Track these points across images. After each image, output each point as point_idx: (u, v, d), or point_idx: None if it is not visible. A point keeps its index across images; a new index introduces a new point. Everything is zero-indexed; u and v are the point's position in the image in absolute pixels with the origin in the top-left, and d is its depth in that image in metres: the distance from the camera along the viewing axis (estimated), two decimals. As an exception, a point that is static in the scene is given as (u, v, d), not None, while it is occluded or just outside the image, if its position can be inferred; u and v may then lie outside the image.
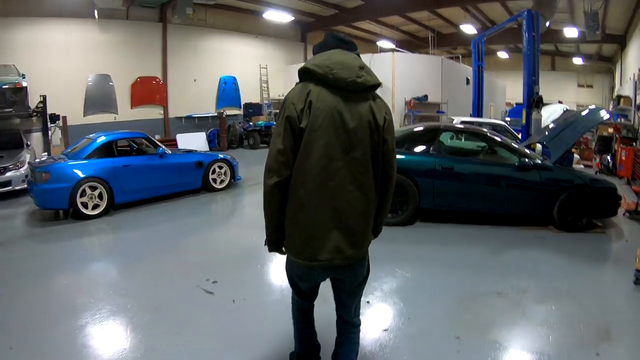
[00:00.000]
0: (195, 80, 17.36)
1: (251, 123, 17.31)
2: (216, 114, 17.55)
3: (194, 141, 16.00)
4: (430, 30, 21.98)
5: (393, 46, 21.65)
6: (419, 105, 15.66)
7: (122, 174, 7.35)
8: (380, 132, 2.14)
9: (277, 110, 2.22)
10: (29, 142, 10.38)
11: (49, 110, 11.12)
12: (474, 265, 4.84)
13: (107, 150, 7.46)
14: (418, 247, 5.48)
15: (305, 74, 2.14)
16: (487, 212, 6.38)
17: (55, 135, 11.43)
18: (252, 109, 19.20)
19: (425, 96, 15.59)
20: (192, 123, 17.27)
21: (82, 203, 6.93)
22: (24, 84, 9.42)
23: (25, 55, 12.46)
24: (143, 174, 7.69)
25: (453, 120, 11.19)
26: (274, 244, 2.25)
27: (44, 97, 10.13)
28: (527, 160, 6.16)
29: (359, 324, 2.48)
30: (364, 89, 2.13)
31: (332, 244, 2.08)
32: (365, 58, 16.45)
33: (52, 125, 10.68)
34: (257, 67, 19.77)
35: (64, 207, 6.95)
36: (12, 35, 12.40)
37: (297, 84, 2.19)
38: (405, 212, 6.21)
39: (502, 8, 17.95)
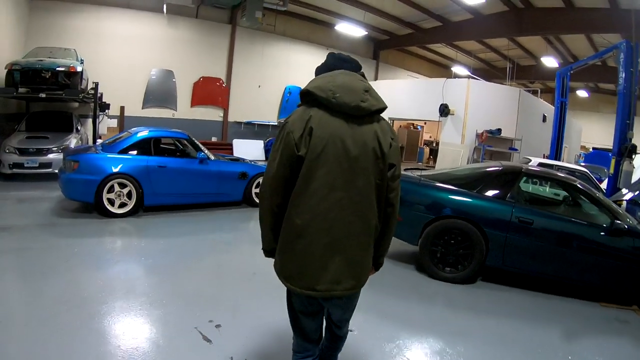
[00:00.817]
0: (259, 86, 17.06)
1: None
2: (277, 124, 17.15)
3: (251, 148, 15.71)
4: (508, 61, 20.67)
5: (468, 73, 20.45)
6: (491, 139, 14.30)
7: (156, 174, 6.81)
8: (386, 159, 2.03)
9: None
10: (79, 127, 10.24)
11: (108, 99, 11.05)
12: (540, 353, 3.71)
13: (144, 147, 6.99)
14: (477, 316, 4.38)
15: (306, 97, 2.01)
16: (562, 279, 5.16)
17: (104, 123, 11.30)
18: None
19: (499, 130, 14.14)
20: (251, 130, 16.95)
21: (108, 199, 6.47)
22: (79, 69, 9.24)
23: (90, 42, 12.61)
24: (178, 178, 7.09)
25: (530, 161, 9.91)
26: (269, 252, 2.19)
27: (96, 84, 9.98)
28: (620, 222, 4.93)
29: (345, 335, 2.48)
30: (369, 113, 1.99)
31: (331, 275, 1.98)
32: (439, 83, 15.53)
33: (101, 113, 10.49)
34: (324, 80, 19.26)
35: (89, 200, 6.50)
36: (78, 20, 12.59)
37: (298, 105, 2.05)
38: (468, 268, 5.09)
39: (587, 42, 16.62)
